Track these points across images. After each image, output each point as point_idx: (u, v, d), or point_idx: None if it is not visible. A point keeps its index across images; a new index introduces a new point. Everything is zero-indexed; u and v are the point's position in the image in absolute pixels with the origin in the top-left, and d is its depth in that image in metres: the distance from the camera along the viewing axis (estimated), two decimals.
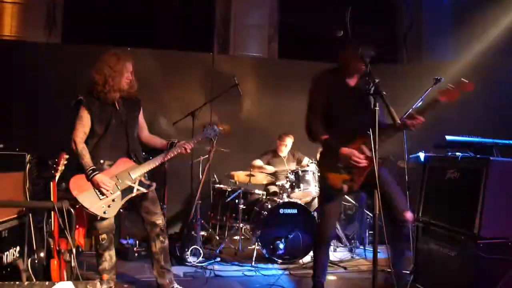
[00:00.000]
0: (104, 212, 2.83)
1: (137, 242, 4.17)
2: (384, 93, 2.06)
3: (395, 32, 6.53)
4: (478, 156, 3.03)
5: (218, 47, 6.42)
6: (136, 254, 4.07)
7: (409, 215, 2.70)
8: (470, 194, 2.91)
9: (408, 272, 3.43)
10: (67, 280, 2.63)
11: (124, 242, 4.17)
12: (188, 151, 3.05)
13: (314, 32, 6.29)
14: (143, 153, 3.10)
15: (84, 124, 2.85)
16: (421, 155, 3.60)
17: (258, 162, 4.75)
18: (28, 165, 2.86)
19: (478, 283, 2.79)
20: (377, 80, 2.10)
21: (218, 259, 4.07)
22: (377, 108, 2.03)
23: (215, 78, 5.59)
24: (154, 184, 3.03)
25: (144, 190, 2.96)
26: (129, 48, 4.74)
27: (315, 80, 2.85)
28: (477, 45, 5.10)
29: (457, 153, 3.17)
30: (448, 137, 3.23)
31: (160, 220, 3.01)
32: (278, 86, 5.83)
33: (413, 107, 3.61)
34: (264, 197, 4.59)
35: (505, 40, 4.85)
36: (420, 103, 3.82)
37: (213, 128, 3.23)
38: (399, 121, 2.08)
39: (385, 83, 2.87)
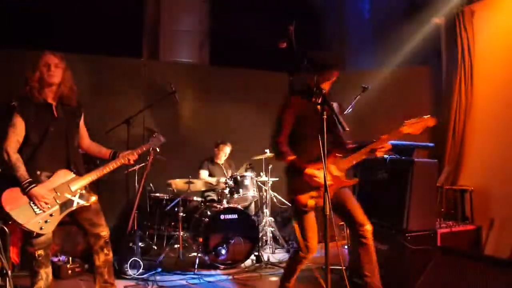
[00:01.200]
0: (41, 228, 2.64)
1: (70, 258, 3.93)
2: (332, 103, 2.23)
3: (319, 41, 6.92)
4: (403, 157, 3.36)
5: (148, 52, 6.28)
6: (69, 272, 3.83)
7: (369, 227, 2.83)
8: (398, 192, 3.23)
9: (344, 268, 3.67)
10: None
11: (56, 259, 3.89)
12: (132, 162, 2.98)
13: (245, 39, 6.45)
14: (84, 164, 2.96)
15: (17, 132, 2.64)
16: None
17: (203, 174, 4.77)
18: None
19: (407, 272, 3.10)
20: (324, 91, 2.26)
21: (159, 269, 3.98)
22: (324, 117, 2.18)
23: (148, 84, 5.48)
24: (95, 197, 2.91)
25: (85, 203, 2.82)
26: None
27: (286, 102, 2.84)
28: (395, 57, 5.62)
29: (385, 156, 3.49)
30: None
31: (104, 232, 2.88)
32: (211, 93, 5.88)
33: (344, 113, 3.92)
34: (203, 204, 4.60)
35: (419, 53, 5.41)
36: (350, 110, 4.15)
37: (159, 138, 3.19)
38: (347, 128, 2.25)
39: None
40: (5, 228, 2.36)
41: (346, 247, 4.87)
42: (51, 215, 2.67)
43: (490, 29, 4.62)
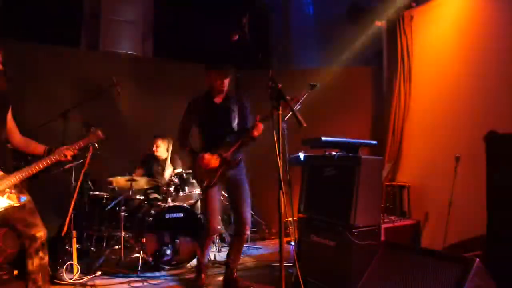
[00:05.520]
0: None
1: None
2: (288, 97, 2.18)
3: (266, 40, 6.94)
4: (351, 154, 3.42)
5: (87, 42, 5.90)
6: None
7: (248, 227, 3.47)
8: (346, 188, 3.27)
9: (290, 264, 3.69)
10: None
11: None
12: (69, 158, 2.76)
13: (189, 32, 6.29)
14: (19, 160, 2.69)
15: None
16: (301, 155, 3.90)
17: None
18: None
19: (354, 266, 3.15)
20: (280, 86, 2.21)
21: (99, 273, 3.74)
22: (280, 112, 2.13)
23: (87, 76, 5.14)
24: (27, 197, 2.65)
25: (15, 204, 2.56)
26: None
27: (190, 102, 3.54)
28: (339, 56, 5.74)
29: (333, 153, 3.54)
30: (323, 138, 3.54)
31: (41, 233, 2.64)
32: (154, 86, 5.65)
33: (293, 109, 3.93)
34: (146, 202, 4.39)
35: (362, 54, 5.57)
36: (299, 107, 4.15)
37: (96, 133, 2.98)
38: (305, 124, 2.21)
39: (257, 89, 3.15)
40: None
41: (292, 243, 4.92)
42: None
43: (427, 34, 4.87)
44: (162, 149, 4.83)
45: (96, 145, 3.03)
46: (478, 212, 3.88)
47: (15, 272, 3.59)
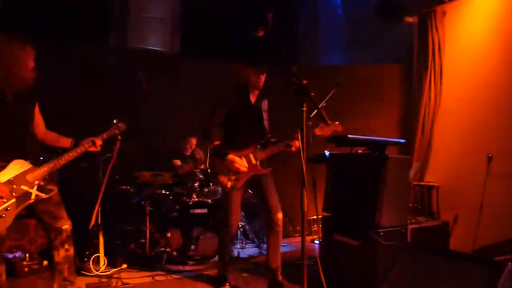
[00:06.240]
0: None
1: (27, 255, 3.68)
2: (312, 94, 2.14)
3: (293, 36, 6.86)
4: (377, 153, 3.34)
5: (115, 38, 6.01)
6: (26, 269, 3.59)
7: (280, 215, 3.29)
8: (371, 187, 3.20)
9: (312, 263, 3.65)
10: None
11: (11, 256, 3.64)
12: (99, 148, 2.81)
13: (216, 29, 6.30)
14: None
15: None
16: (327, 153, 3.85)
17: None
18: None
19: (378, 267, 3.08)
20: (304, 82, 2.16)
21: (125, 265, 3.81)
22: (304, 109, 2.09)
23: (113, 71, 5.23)
24: (55, 188, 2.72)
25: (44, 196, 2.63)
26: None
27: (224, 97, 3.40)
28: (368, 53, 5.62)
29: (360, 151, 3.48)
30: (350, 136, 3.48)
31: (66, 225, 2.70)
32: (181, 83, 5.69)
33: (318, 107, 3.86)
34: (171, 197, 4.44)
35: (392, 51, 5.43)
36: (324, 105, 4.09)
37: (119, 125, 3.03)
38: (330, 122, 2.17)
39: (282, 86, 3.13)
40: None
41: (316, 242, 4.88)
42: (6, 209, 2.47)
43: (460, 30, 4.70)
44: (190, 146, 4.91)
45: (119, 137, 3.06)
46: (510, 214, 3.74)
47: (45, 262, 3.72)
